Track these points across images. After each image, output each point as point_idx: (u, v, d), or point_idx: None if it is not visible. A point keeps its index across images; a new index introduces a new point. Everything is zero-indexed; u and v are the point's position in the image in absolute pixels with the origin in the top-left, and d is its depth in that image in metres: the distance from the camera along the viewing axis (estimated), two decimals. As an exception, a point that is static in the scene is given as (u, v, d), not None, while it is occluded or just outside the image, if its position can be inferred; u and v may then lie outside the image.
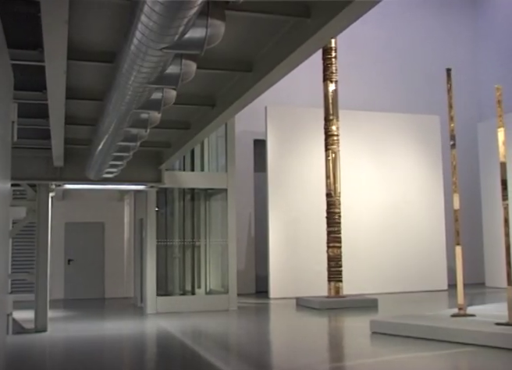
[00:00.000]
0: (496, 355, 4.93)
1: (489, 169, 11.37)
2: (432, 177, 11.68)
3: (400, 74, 13.05)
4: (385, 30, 13.07)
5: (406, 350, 5.37)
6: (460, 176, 7.16)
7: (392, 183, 11.36)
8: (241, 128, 10.82)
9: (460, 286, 6.48)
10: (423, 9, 13.57)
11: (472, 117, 13.21)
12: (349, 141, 10.63)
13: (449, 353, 5.11)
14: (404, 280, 11.04)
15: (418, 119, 11.80)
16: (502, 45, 13.16)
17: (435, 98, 11.94)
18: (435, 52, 13.38)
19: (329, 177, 9.19)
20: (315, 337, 6.62)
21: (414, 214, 11.40)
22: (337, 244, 9.06)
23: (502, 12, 13.39)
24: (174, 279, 9.00)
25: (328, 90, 9.32)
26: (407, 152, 11.61)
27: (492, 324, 5.59)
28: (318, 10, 3.15)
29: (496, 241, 10.13)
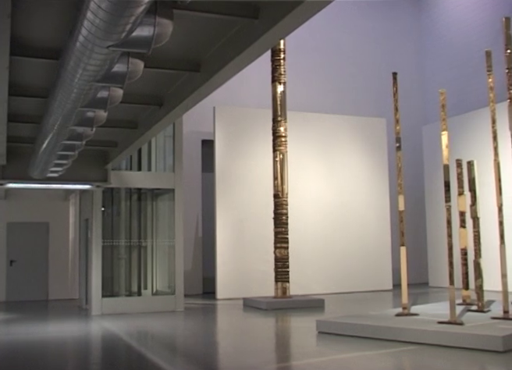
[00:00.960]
0: (438, 353, 5.03)
1: (433, 171, 11.63)
2: (378, 179, 11.86)
3: (349, 77, 13.21)
4: (334, 33, 13.21)
5: (351, 349, 5.43)
6: (405, 178, 7.29)
7: (339, 184, 11.49)
8: (189, 128, 10.77)
9: (405, 286, 6.60)
10: (371, 13, 13.77)
11: (417, 120, 13.47)
12: (297, 143, 10.70)
13: (393, 352, 5.19)
14: (350, 280, 11.18)
15: (365, 121, 11.97)
16: (446, 50, 13.46)
17: (382, 101, 12.15)
18: (382, 56, 13.59)
19: (277, 178, 9.23)
20: (262, 338, 6.64)
21: (360, 215, 11.55)
22: (284, 245, 9.10)
23: (446, 18, 13.69)
24: (120, 280, 8.89)
25: (277, 91, 9.36)
26: (354, 154, 11.76)
27: (435, 322, 5.71)
28: (267, 12, 3.16)
29: (439, 242, 10.37)
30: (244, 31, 3.44)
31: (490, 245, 7.48)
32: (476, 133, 10.84)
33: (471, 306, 6.89)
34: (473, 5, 12.87)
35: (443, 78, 13.08)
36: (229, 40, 3.68)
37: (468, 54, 12.28)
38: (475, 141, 10.73)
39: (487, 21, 11.96)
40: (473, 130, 11.04)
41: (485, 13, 12.30)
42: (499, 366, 4.62)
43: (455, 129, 10.58)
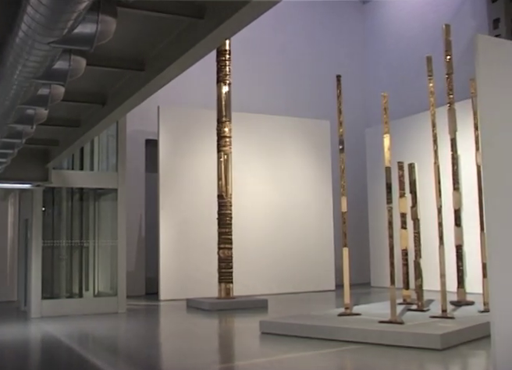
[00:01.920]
0: (380, 351, 5.11)
1: (375, 173, 11.82)
2: (322, 180, 11.98)
3: (293, 79, 13.31)
4: (279, 35, 13.29)
5: (294, 349, 5.46)
6: (348, 180, 7.38)
7: (283, 185, 11.56)
8: (133, 127, 10.64)
9: (347, 287, 6.68)
10: (316, 16, 13.90)
11: (361, 123, 13.68)
12: (241, 143, 10.70)
13: (335, 351, 5.24)
14: (294, 281, 11.26)
15: (310, 123, 12.07)
16: (389, 55, 13.72)
17: (326, 103, 12.27)
18: (327, 59, 13.75)
19: (221, 179, 9.21)
20: (205, 338, 6.61)
21: (304, 216, 11.64)
22: (228, 246, 9.09)
23: (390, 23, 13.96)
24: (60, 281, 8.70)
25: (222, 91, 9.35)
26: (298, 155, 11.84)
27: (376, 322, 5.79)
28: (212, 11, 3.15)
29: (381, 243, 10.54)
30: (189, 31, 3.42)
31: (430, 246, 7.65)
32: (417, 136, 11.07)
33: (412, 305, 7.03)
34: (415, 11, 13.16)
35: (386, 82, 13.32)
36: (173, 40, 3.65)
37: (410, 58, 12.54)
38: (416, 144, 10.96)
39: (428, 27, 12.23)
40: (414, 133, 11.28)
41: (426, 19, 12.58)
42: (438, 363, 4.72)
43: (397, 132, 10.77)
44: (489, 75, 3.50)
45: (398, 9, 13.74)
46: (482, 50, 3.50)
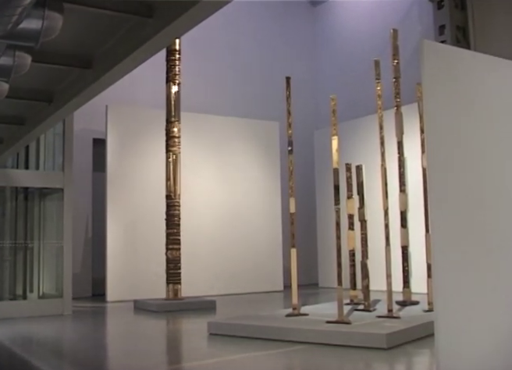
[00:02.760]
0: (327, 351, 5.16)
1: (324, 175, 11.92)
2: (271, 181, 12.03)
3: (244, 80, 13.33)
4: (230, 35, 13.29)
5: (242, 350, 5.46)
6: (297, 181, 7.42)
7: (232, 186, 11.56)
8: (80, 126, 10.46)
9: (295, 287, 6.72)
10: (266, 18, 13.97)
11: (310, 124, 13.79)
12: (190, 144, 10.66)
13: (283, 352, 5.26)
14: (242, 282, 11.27)
15: (259, 124, 12.11)
16: (339, 58, 13.88)
17: (275, 105, 12.30)
18: (277, 60, 13.82)
19: (169, 179, 9.15)
20: (152, 340, 6.55)
21: (252, 217, 11.67)
22: (176, 246, 9.03)
23: (340, 27, 14.12)
24: (4, 282, 8.49)
25: (171, 91, 9.29)
26: (247, 156, 11.87)
27: (323, 322, 5.84)
28: (161, 10, 3.12)
29: (329, 244, 10.64)
30: (138, 29, 3.38)
31: (376, 247, 7.75)
32: (365, 138, 11.23)
33: (358, 305, 7.12)
34: (364, 15, 13.36)
35: (335, 84, 13.47)
36: (122, 38, 3.60)
37: (359, 62, 12.70)
38: (364, 146, 11.11)
39: (377, 31, 12.42)
40: (362, 136, 11.44)
41: (375, 24, 12.78)
42: (383, 362, 4.79)
43: (345, 134, 10.91)
44: (434, 79, 3.57)
45: (348, 13, 13.92)
46: (428, 55, 3.56)
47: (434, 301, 3.42)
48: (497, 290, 3.69)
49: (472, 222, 3.62)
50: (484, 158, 3.75)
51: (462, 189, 3.60)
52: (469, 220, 3.60)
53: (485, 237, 3.67)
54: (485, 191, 3.73)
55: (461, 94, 3.70)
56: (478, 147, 3.73)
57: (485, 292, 3.62)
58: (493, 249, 3.71)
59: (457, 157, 3.61)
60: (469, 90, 3.76)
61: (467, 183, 3.63)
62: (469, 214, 3.61)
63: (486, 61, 3.95)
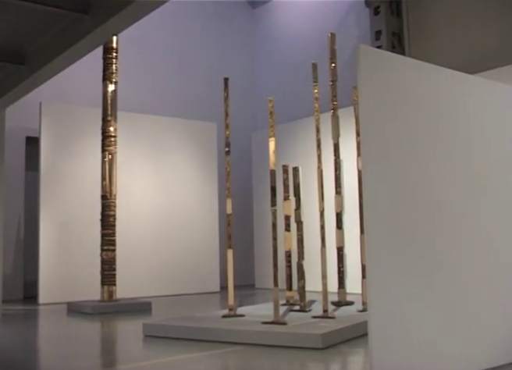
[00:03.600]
0: (263, 352, 5.17)
1: (261, 176, 11.97)
2: (208, 182, 12.00)
3: (182, 80, 13.25)
4: (169, 35, 13.19)
5: (178, 351, 5.42)
6: (234, 182, 7.42)
7: (169, 186, 11.47)
8: (12, 123, 10.17)
9: (231, 288, 6.72)
10: (206, 18, 13.93)
11: (248, 126, 13.84)
12: (127, 143, 10.53)
13: (219, 353, 5.24)
14: (179, 283, 11.19)
15: (197, 124, 12.06)
16: (278, 60, 13.97)
17: (214, 106, 12.30)
18: (216, 61, 13.80)
19: (105, 179, 9.00)
20: (86, 342, 6.42)
21: (189, 217, 11.61)
22: (111, 247, 8.90)
23: (279, 29, 14.22)
24: None
25: (108, 90, 9.14)
26: (185, 157, 11.80)
27: (260, 323, 5.86)
28: (98, 7, 3.07)
29: (265, 245, 10.70)
30: (74, 26, 3.32)
31: (312, 248, 7.83)
32: (302, 140, 11.34)
33: (294, 306, 7.17)
34: (303, 18, 13.49)
35: (274, 86, 13.55)
36: (57, 34, 3.53)
37: (298, 64, 12.82)
38: (301, 148, 11.22)
39: (316, 35, 12.57)
40: (299, 138, 11.54)
41: (313, 27, 12.92)
42: (319, 362, 4.83)
43: (283, 136, 11.00)
44: (370, 84, 3.63)
45: (287, 16, 14.03)
46: (364, 59, 3.62)
47: (368, 301, 3.48)
48: (430, 290, 3.79)
49: (406, 223, 3.70)
50: (418, 160, 3.85)
51: (396, 191, 3.68)
52: (403, 222, 3.69)
53: (418, 239, 3.76)
54: (419, 193, 3.82)
55: (396, 98, 3.78)
56: (412, 150, 3.82)
57: (418, 292, 3.71)
58: (426, 250, 3.80)
59: (392, 159, 3.69)
60: (403, 94, 3.85)
61: (401, 185, 3.71)
62: (403, 216, 3.69)
63: (420, 67, 4.05)
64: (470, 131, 4.26)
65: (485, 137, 4.39)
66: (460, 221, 4.08)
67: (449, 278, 3.93)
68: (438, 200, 3.94)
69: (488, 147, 4.40)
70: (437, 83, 4.09)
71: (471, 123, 4.28)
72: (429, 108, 3.98)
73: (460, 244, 4.05)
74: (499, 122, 4.52)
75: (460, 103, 4.23)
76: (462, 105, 4.24)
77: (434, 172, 3.94)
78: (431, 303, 3.79)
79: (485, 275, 4.20)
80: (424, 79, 4.01)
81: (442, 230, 3.94)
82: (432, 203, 3.89)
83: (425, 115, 3.95)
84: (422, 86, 3.98)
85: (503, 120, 4.56)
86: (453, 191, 4.05)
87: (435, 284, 3.83)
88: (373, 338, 3.42)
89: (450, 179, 4.05)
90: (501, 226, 4.39)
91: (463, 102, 4.25)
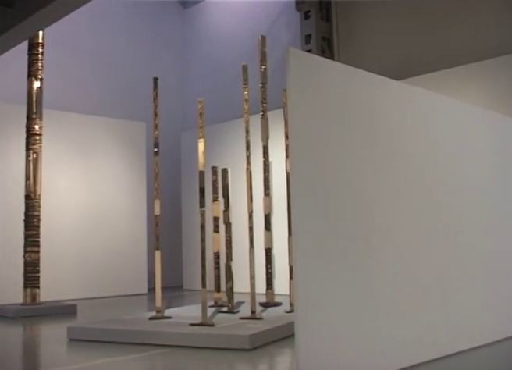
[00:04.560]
0: (190, 354, 5.14)
1: (190, 177, 11.92)
2: (136, 183, 11.85)
3: (111, 79, 13.03)
4: (98, 33, 12.95)
5: (103, 355, 5.32)
6: (163, 183, 7.36)
7: (96, 187, 11.26)
8: None
9: (158, 290, 6.66)
10: (137, 17, 13.76)
11: (178, 126, 13.75)
12: (53, 142, 10.27)
13: (146, 356, 5.19)
14: (105, 285, 11.00)
15: (125, 124, 11.89)
16: (208, 61, 13.93)
17: (143, 105, 12.15)
18: (145, 60, 13.64)
19: (29, 178, 8.74)
20: (8, 347, 6.22)
21: (117, 218, 11.43)
22: (35, 249, 8.64)
23: (209, 30, 14.19)
24: None
25: (33, 87, 8.88)
26: (113, 157, 11.61)
27: (187, 325, 5.83)
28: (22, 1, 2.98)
29: (194, 246, 10.65)
30: (-3, 19, 3.21)
31: (241, 249, 7.85)
32: (232, 142, 11.36)
33: (222, 307, 7.17)
34: (234, 20, 13.52)
35: (204, 87, 13.52)
36: (-21, 28, 3.40)
37: (228, 66, 12.84)
38: (231, 150, 11.23)
39: (247, 37, 12.62)
40: (229, 139, 11.55)
41: (245, 29, 12.97)
42: (246, 363, 4.85)
43: (212, 137, 10.98)
44: (299, 87, 3.67)
45: (218, 17, 14.02)
46: (293, 63, 3.66)
47: (295, 302, 3.51)
48: (357, 291, 3.86)
49: (333, 225, 3.76)
50: (346, 163, 3.91)
51: (324, 193, 3.73)
52: (330, 223, 3.74)
53: (345, 240, 3.82)
54: (347, 195, 3.88)
55: (324, 101, 3.84)
56: (340, 153, 3.89)
57: (344, 293, 3.77)
58: (353, 251, 3.87)
59: (320, 162, 3.74)
60: (332, 98, 3.91)
61: (328, 186, 3.77)
62: (330, 217, 3.75)
63: (348, 71, 4.12)
64: (397, 134, 4.38)
65: (413, 140, 4.51)
66: (389, 222, 4.18)
67: (375, 278, 4.02)
68: (366, 201, 4.02)
69: (417, 148, 4.52)
70: (364, 88, 4.18)
71: (397, 127, 4.39)
72: (357, 112, 4.06)
73: (389, 245, 4.15)
74: (424, 126, 4.66)
75: (387, 107, 4.34)
76: (389, 109, 4.35)
77: (362, 174, 4.02)
78: (357, 303, 3.86)
79: (412, 274, 4.32)
80: (352, 83, 4.09)
81: (369, 232, 4.02)
82: (359, 204, 3.97)
83: (353, 119, 4.03)
84: (350, 90, 4.05)
85: (428, 124, 4.70)
86: (381, 192, 4.14)
87: (361, 285, 3.90)
88: (299, 338, 3.45)
89: (379, 180, 4.14)
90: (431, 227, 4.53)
91: (390, 107, 4.36)
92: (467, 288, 4.90)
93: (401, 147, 4.39)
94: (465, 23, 9.40)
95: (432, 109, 4.77)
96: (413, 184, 4.45)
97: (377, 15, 10.61)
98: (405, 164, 4.40)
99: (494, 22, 9.09)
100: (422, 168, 4.57)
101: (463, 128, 5.09)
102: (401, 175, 4.34)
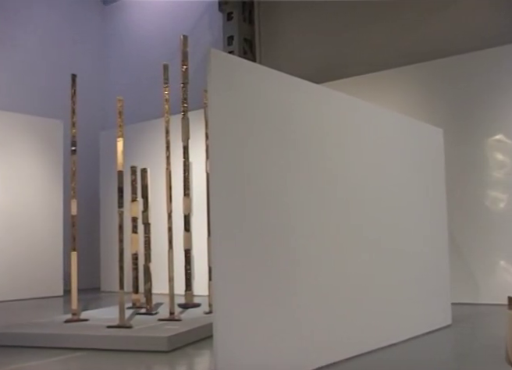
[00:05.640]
0: (107, 357, 5.06)
1: (109, 177, 11.70)
2: (52, 182, 11.53)
3: (27, 75, 12.63)
4: (14, 28, 12.52)
5: (18, 360, 5.15)
6: (81, 182, 7.21)
7: (11, 186, 10.88)
8: None
9: (74, 292, 6.52)
10: (55, 12, 13.40)
11: (97, 125, 13.48)
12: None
13: (62, 359, 5.07)
14: (19, 287, 10.64)
15: (42, 121, 11.55)
16: (129, 60, 13.74)
17: (62, 103, 11.84)
18: (63, 57, 13.30)
19: None
20: None
21: (31, 218, 11.08)
22: None
23: (131, 30, 14.00)
24: None
25: None
26: (29, 155, 11.26)
27: (104, 327, 5.73)
28: None
29: (112, 247, 10.48)
30: None
31: (160, 250, 7.79)
32: (152, 141, 11.23)
33: (141, 309, 7.09)
34: (157, 19, 13.39)
35: (125, 86, 13.32)
36: None
37: (150, 65, 12.71)
38: (151, 150, 11.11)
39: (169, 36, 12.53)
40: (149, 139, 11.42)
41: (167, 28, 12.87)
42: (164, 364, 4.82)
43: (132, 137, 10.83)
44: (220, 88, 3.68)
45: (140, 15, 13.85)
46: (214, 64, 3.67)
47: (213, 303, 3.52)
48: (275, 291, 3.90)
49: (252, 226, 3.79)
50: (266, 164, 3.95)
51: (243, 194, 3.75)
52: (249, 224, 3.76)
53: (263, 241, 3.86)
54: (267, 196, 3.92)
55: (244, 103, 3.86)
56: (260, 154, 3.92)
57: (263, 294, 3.80)
58: (272, 252, 3.91)
59: (239, 163, 3.76)
60: (252, 100, 3.94)
61: (248, 188, 3.79)
62: (249, 218, 3.77)
63: (269, 74, 4.16)
64: (314, 136, 4.45)
65: (329, 142, 4.60)
66: (305, 221, 4.24)
67: (292, 279, 4.07)
68: (283, 201, 4.06)
69: (333, 151, 4.61)
70: (283, 90, 4.23)
71: (314, 129, 4.47)
72: (275, 114, 4.11)
73: (305, 245, 4.21)
74: (339, 128, 4.76)
75: (305, 110, 4.41)
76: (306, 112, 4.42)
77: (280, 174, 4.06)
78: (275, 303, 3.90)
79: (328, 274, 4.40)
80: (272, 85, 4.13)
81: (287, 232, 4.07)
82: (277, 205, 4.01)
83: (271, 120, 4.07)
84: (269, 92, 4.09)
85: (343, 126, 4.81)
86: (298, 192, 4.20)
87: (279, 285, 3.95)
88: (218, 339, 3.46)
89: (296, 180, 4.20)
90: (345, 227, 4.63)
91: (307, 109, 4.43)
92: (378, 288, 5.04)
93: (317, 148, 4.47)
94: (384, 28, 9.68)
95: (347, 112, 4.89)
96: (329, 185, 4.54)
97: (300, 18, 10.77)
98: (321, 165, 4.49)
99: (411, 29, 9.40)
100: (338, 170, 4.67)
101: (377, 131, 5.24)
102: (317, 176, 4.42)
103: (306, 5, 10.64)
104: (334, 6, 10.32)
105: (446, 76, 8.45)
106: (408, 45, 9.35)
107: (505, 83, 7.92)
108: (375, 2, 9.76)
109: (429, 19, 9.22)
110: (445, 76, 8.47)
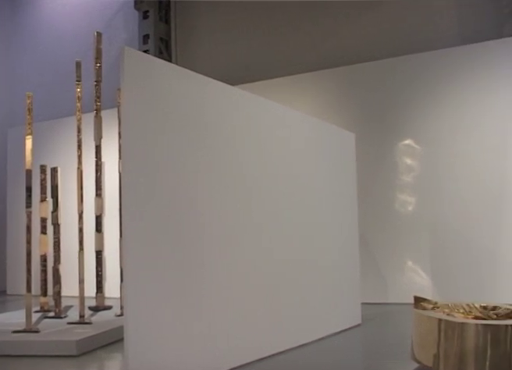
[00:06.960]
0: (13, 363, 4.89)
1: (17, 176, 11.30)
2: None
3: None
4: None
5: None
6: (-14, 181, 6.93)
7: None
8: None
9: (-21, 295, 6.26)
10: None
11: (4, 122, 12.99)
12: None
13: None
14: None
15: None
16: (40, 56, 13.32)
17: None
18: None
19: None
20: None
21: None
22: None
23: (42, 23, 13.57)
24: None
25: None
26: None
27: (10, 332, 5.53)
28: None
29: (20, 248, 10.12)
30: None
31: (70, 251, 7.60)
32: (63, 140, 10.93)
33: (49, 313, 6.88)
34: (69, 15, 13.03)
35: (35, 82, 12.90)
36: None
37: (62, 62, 12.37)
38: (61, 148, 10.81)
39: (82, 33, 12.23)
40: (60, 137, 11.11)
41: (80, 25, 12.55)
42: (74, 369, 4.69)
43: (42, 135, 10.50)
44: (134, 87, 3.63)
45: (52, 11, 13.45)
46: (128, 62, 3.61)
47: (125, 306, 3.46)
48: (187, 294, 3.87)
49: (165, 227, 3.75)
50: (179, 165, 3.92)
51: (155, 194, 3.71)
52: (161, 226, 3.73)
53: (176, 242, 3.83)
54: (179, 197, 3.89)
55: (158, 102, 3.82)
56: (173, 155, 3.88)
57: (175, 296, 3.77)
58: (184, 253, 3.88)
59: (152, 163, 3.71)
60: (166, 99, 3.90)
61: (160, 188, 3.75)
62: (161, 220, 3.73)
63: (184, 74, 4.14)
64: (226, 135, 4.46)
65: (241, 141, 4.62)
66: (218, 223, 4.23)
67: (205, 280, 4.06)
68: (196, 202, 4.04)
69: (246, 151, 4.63)
70: (196, 90, 4.21)
71: (227, 129, 4.48)
72: (188, 114, 4.09)
73: (218, 247, 4.21)
74: (252, 128, 4.79)
75: (217, 110, 4.41)
76: (219, 112, 4.42)
77: (192, 175, 4.04)
78: (187, 305, 3.88)
79: (241, 276, 4.41)
80: (185, 85, 4.11)
81: (199, 233, 4.05)
82: (190, 206, 3.99)
83: (184, 120, 4.04)
84: (183, 92, 4.07)
85: (255, 126, 4.84)
86: (211, 193, 4.19)
87: (191, 287, 3.93)
88: (129, 342, 3.40)
89: (208, 181, 4.19)
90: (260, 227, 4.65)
91: (219, 109, 4.44)
92: (289, 289, 5.10)
93: (229, 149, 4.48)
94: (302, 32, 9.81)
95: (259, 114, 4.93)
96: (239, 186, 4.55)
97: (217, 19, 10.76)
98: (232, 167, 4.50)
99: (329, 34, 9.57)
100: (249, 171, 4.69)
101: (289, 133, 5.31)
102: (228, 178, 4.43)
103: (223, 6, 10.66)
104: (252, 8, 10.38)
105: (360, 81, 8.66)
106: (326, 49, 9.52)
107: (415, 89, 8.20)
108: (294, 5, 9.89)
109: (347, 24, 9.43)
110: (359, 81, 8.68)
